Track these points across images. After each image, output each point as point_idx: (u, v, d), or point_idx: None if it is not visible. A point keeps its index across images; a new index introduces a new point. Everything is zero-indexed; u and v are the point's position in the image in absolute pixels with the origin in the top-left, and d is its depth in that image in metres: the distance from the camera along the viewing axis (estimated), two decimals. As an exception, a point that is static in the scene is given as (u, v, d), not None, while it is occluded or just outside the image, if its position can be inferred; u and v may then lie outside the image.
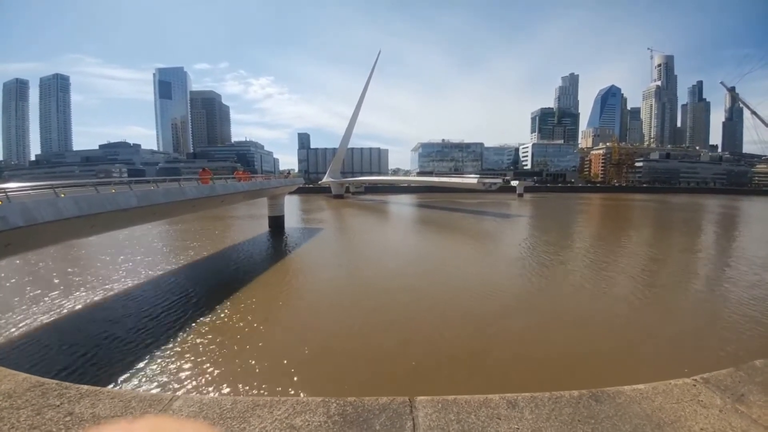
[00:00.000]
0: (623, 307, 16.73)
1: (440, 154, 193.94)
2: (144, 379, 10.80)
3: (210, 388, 10.28)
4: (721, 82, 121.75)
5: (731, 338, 13.26)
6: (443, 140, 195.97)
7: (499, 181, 68.10)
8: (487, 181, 65.28)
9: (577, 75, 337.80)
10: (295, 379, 10.71)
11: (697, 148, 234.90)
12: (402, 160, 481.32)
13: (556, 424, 3.29)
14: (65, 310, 16.30)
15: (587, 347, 12.64)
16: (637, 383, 3.93)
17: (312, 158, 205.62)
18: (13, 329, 14.24)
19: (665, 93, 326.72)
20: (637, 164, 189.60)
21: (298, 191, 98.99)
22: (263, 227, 42.34)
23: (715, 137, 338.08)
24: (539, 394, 3.68)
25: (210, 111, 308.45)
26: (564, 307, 16.64)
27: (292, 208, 65.65)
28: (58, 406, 3.54)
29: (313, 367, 11.38)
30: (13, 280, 21.08)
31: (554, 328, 14.33)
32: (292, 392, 10.04)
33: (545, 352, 12.21)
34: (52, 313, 16.00)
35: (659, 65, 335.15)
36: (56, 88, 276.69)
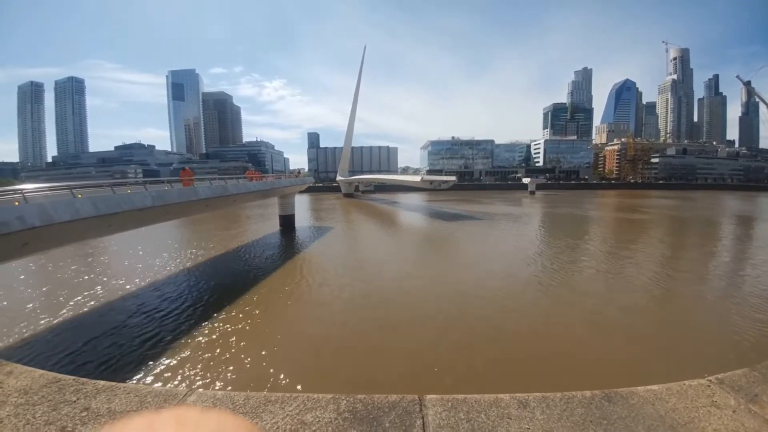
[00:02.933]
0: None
1: (450, 152, 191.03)
2: (162, 372, 11.11)
3: (223, 383, 10.51)
4: (737, 76, 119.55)
5: None
6: (453, 137, 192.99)
7: (452, 179, 67.14)
8: (434, 179, 65.96)
9: (591, 69, 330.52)
10: (307, 375, 10.85)
11: (714, 143, 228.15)
12: (412, 158, 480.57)
13: (568, 425, 3.24)
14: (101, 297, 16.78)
15: (601, 348, 12.50)
16: (651, 384, 3.85)
17: (322, 157, 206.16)
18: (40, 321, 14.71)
19: (681, 87, 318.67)
20: (653, 160, 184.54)
21: (309, 190, 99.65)
22: (274, 226, 42.72)
23: (732, 132, 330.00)
24: (551, 394, 3.63)
25: (222, 112, 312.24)
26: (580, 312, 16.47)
27: (302, 207, 66.06)
28: (75, 401, 3.61)
29: (324, 365, 11.51)
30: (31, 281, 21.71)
31: (566, 328, 14.20)
32: (300, 387, 10.16)
33: (557, 352, 12.11)
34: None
35: (674, 59, 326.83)
36: (71, 91, 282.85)
